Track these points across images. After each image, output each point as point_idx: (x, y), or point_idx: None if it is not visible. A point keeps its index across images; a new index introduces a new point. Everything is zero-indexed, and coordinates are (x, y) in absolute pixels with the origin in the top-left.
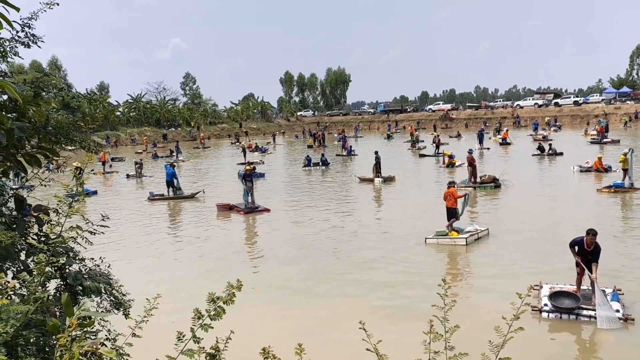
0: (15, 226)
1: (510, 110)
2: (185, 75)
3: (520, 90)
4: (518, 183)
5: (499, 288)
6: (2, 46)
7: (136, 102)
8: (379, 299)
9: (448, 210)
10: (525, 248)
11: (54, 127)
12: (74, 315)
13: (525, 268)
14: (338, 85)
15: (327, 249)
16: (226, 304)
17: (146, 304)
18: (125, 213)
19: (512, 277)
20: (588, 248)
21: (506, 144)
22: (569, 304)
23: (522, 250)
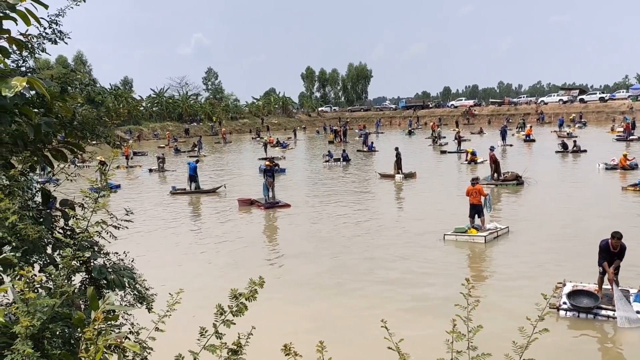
0: (42, 220)
1: (534, 106)
2: (208, 70)
3: (545, 86)
4: (541, 181)
5: (520, 287)
6: (30, 43)
7: (159, 97)
8: (399, 296)
9: (472, 206)
10: (547, 246)
11: (80, 122)
12: (99, 308)
13: (546, 267)
14: (359, 81)
15: (347, 245)
16: (248, 300)
17: (169, 298)
18: (148, 207)
19: (532, 275)
20: (614, 250)
21: (530, 141)
22: (588, 303)
23: (544, 248)
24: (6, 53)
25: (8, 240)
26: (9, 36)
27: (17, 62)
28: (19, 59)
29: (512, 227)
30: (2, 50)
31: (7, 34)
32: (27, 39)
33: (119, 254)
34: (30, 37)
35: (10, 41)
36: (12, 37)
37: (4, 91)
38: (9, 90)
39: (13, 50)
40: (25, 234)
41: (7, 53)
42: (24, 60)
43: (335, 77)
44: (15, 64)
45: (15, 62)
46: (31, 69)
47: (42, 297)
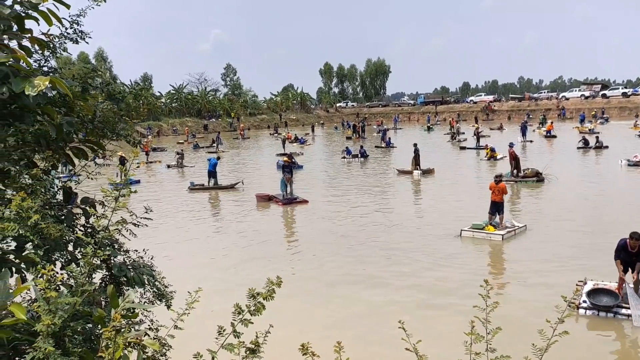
0: (63, 218)
1: (555, 101)
2: (226, 66)
3: (566, 81)
4: (562, 177)
5: (539, 286)
6: (51, 42)
7: (178, 92)
8: (415, 294)
9: (493, 204)
10: (567, 244)
11: (101, 121)
12: (119, 306)
13: (565, 265)
14: (378, 76)
15: (364, 241)
16: (266, 299)
17: (187, 296)
18: (166, 202)
19: (551, 274)
20: (632, 250)
21: (551, 137)
22: (607, 301)
23: (564, 246)
24: (29, 52)
25: (30, 239)
26: (32, 36)
27: (39, 62)
28: (41, 59)
29: (532, 224)
30: (25, 49)
31: (30, 33)
32: (49, 38)
33: (139, 252)
34: (52, 37)
35: (32, 41)
36: (35, 37)
37: (27, 90)
38: (32, 89)
39: (35, 49)
40: (47, 232)
41: (29, 52)
42: (46, 59)
43: (354, 73)
44: (37, 63)
45: (37, 61)
46: (53, 68)
47: (63, 296)
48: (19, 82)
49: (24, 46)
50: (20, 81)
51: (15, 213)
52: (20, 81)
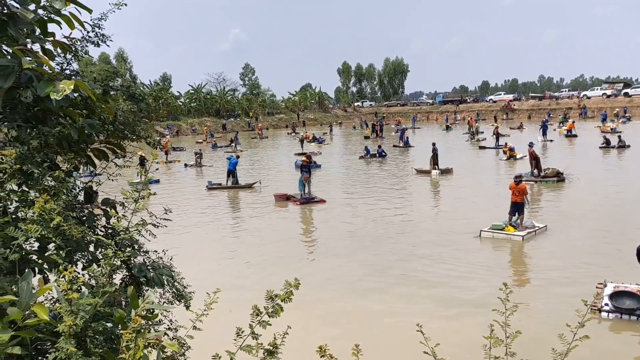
0: (85, 219)
1: (576, 100)
2: (245, 66)
3: (588, 80)
4: (583, 177)
5: (559, 287)
6: (74, 46)
7: (197, 92)
8: (434, 295)
9: (513, 204)
10: (588, 245)
11: (122, 122)
12: (139, 307)
13: (586, 266)
14: (396, 76)
15: (382, 241)
16: (284, 301)
17: (206, 297)
18: (185, 202)
19: (572, 275)
20: None
21: (572, 136)
22: (630, 304)
23: (585, 247)
24: (51, 56)
25: (53, 240)
26: (54, 39)
27: (62, 65)
28: (63, 62)
29: (552, 225)
30: (48, 53)
31: (52, 37)
32: (71, 41)
33: (158, 252)
34: (74, 40)
35: (55, 44)
36: (57, 41)
37: (52, 95)
38: (57, 93)
39: (58, 53)
40: (69, 234)
41: (52, 56)
42: (69, 63)
43: (372, 72)
44: (59, 66)
45: (59, 64)
46: (75, 71)
47: (84, 297)
48: (44, 86)
49: (46, 49)
50: (44, 85)
51: (38, 215)
52: (44, 85)
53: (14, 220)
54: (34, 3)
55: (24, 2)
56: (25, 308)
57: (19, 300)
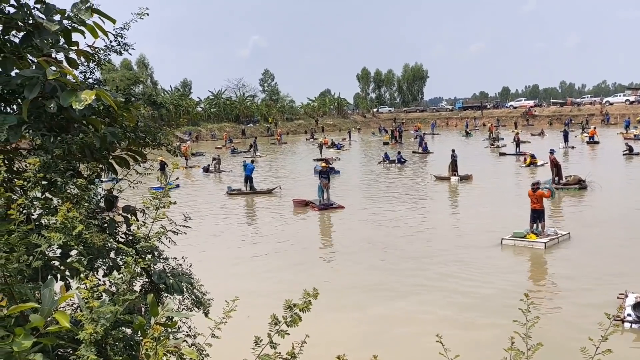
0: (106, 226)
1: (598, 107)
2: (264, 71)
3: (610, 86)
4: (605, 185)
5: (582, 297)
6: (97, 55)
7: (217, 98)
8: (453, 304)
9: (533, 211)
10: (611, 254)
11: (143, 130)
12: (158, 315)
13: (609, 276)
14: (415, 82)
15: (401, 248)
16: (302, 311)
17: (224, 304)
18: (204, 207)
19: (594, 285)
20: None
21: (593, 143)
22: None
23: (608, 256)
24: (75, 64)
25: (75, 247)
26: (78, 48)
27: (85, 73)
28: (87, 70)
29: (574, 233)
30: (72, 61)
31: (76, 46)
32: (94, 50)
33: (178, 259)
34: (97, 49)
35: (79, 53)
36: (81, 50)
37: (74, 104)
38: (79, 103)
39: (81, 61)
40: (91, 241)
41: (75, 64)
42: (91, 71)
43: (391, 78)
44: (82, 75)
45: (82, 73)
46: (98, 80)
47: (105, 304)
48: (67, 97)
49: (70, 58)
50: (67, 95)
51: (61, 223)
52: (67, 95)
53: (37, 227)
54: (59, 14)
55: (49, 13)
56: (47, 315)
57: (41, 307)
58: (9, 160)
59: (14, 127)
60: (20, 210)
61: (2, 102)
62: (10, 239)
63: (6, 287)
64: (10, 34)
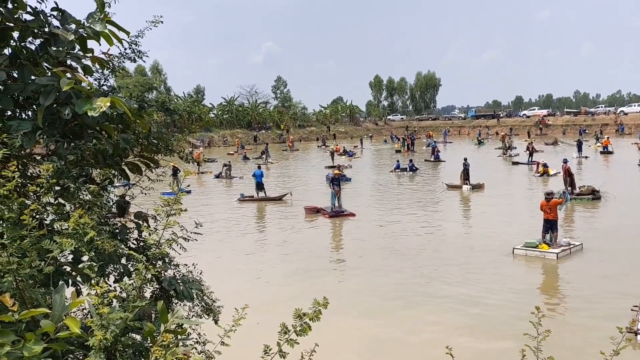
0: (117, 232)
1: (612, 116)
2: (277, 79)
3: (625, 96)
4: (619, 196)
5: (594, 309)
6: (111, 62)
7: (229, 104)
8: (464, 314)
9: (546, 222)
10: (624, 266)
11: (156, 137)
12: (168, 322)
13: (622, 287)
14: (428, 90)
15: (411, 256)
16: (312, 320)
17: (234, 312)
18: (215, 213)
19: (607, 297)
20: None
21: (607, 153)
22: None
23: (621, 268)
24: (90, 71)
25: (86, 253)
26: (93, 55)
27: (99, 80)
28: (101, 77)
29: (587, 244)
30: (86, 68)
31: (91, 53)
32: (108, 57)
33: (188, 266)
34: (111, 56)
35: (94, 60)
36: (96, 57)
37: (89, 112)
38: (94, 110)
39: (96, 68)
40: (102, 248)
41: (90, 71)
42: (106, 78)
43: (404, 86)
44: (97, 82)
45: (97, 80)
46: (112, 87)
47: (115, 311)
48: (82, 104)
49: (85, 65)
50: (82, 103)
51: (73, 229)
52: (82, 103)
53: (49, 232)
54: (75, 24)
55: (65, 21)
56: (57, 320)
57: (52, 313)
58: (23, 165)
59: (28, 133)
60: (33, 216)
61: (18, 109)
62: (22, 244)
63: (18, 292)
64: (26, 41)
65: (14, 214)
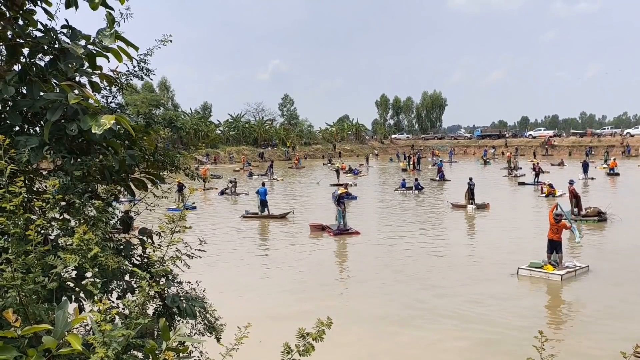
0: (122, 248)
1: (619, 138)
2: (284, 96)
3: (631, 118)
4: (626, 218)
5: (599, 332)
6: (119, 79)
7: (236, 121)
8: (467, 335)
9: (551, 242)
10: (631, 290)
11: (162, 154)
12: (170, 339)
13: (628, 311)
14: (434, 109)
15: (415, 276)
16: (315, 340)
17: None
18: (219, 230)
19: (612, 320)
20: None
21: (614, 175)
22: None
23: (627, 291)
24: (97, 88)
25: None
26: (101, 72)
27: (107, 98)
28: (109, 95)
29: (593, 266)
30: (95, 85)
31: (100, 70)
32: (117, 75)
33: (191, 283)
34: (119, 73)
35: (102, 77)
36: (104, 74)
37: (94, 129)
38: (98, 127)
39: (104, 85)
40: (106, 264)
41: (98, 88)
42: (114, 95)
43: (410, 105)
44: (105, 99)
45: (105, 97)
46: (119, 104)
47: (117, 328)
48: (87, 120)
49: (93, 82)
50: (88, 119)
51: (77, 245)
52: (88, 119)
53: (53, 247)
54: (84, 39)
55: (75, 38)
56: (60, 337)
57: (55, 329)
58: (29, 180)
59: (35, 149)
60: (39, 231)
61: (26, 124)
62: (27, 260)
63: (21, 307)
64: (36, 58)
65: (20, 229)
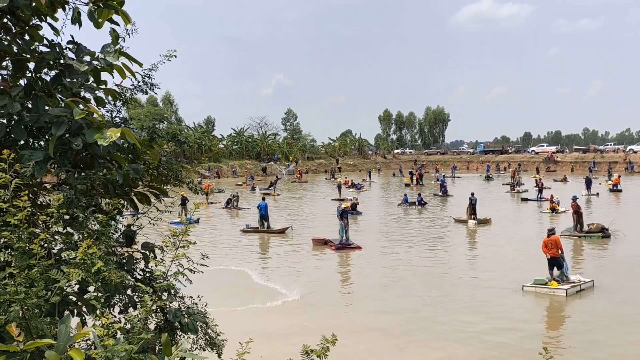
0: (125, 262)
1: (622, 154)
2: (287, 111)
3: (634, 134)
4: (629, 234)
5: (604, 348)
6: (124, 94)
7: (239, 135)
8: (471, 351)
9: (550, 260)
10: (636, 306)
11: (165, 168)
12: (172, 355)
13: (634, 327)
14: (437, 124)
15: (418, 292)
16: (320, 357)
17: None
18: (221, 243)
19: (618, 337)
20: None
21: (617, 191)
22: None
23: (632, 308)
24: (102, 103)
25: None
26: (106, 87)
27: (112, 112)
28: (113, 109)
29: (598, 281)
30: (99, 100)
31: (104, 85)
32: (121, 90)
33: (193, 298)
34: (124, 88)
35: (107, 92)
36: (109, 89)
37: (100, 141)
38: (104, 140)
39: (109, 100)
40: (109, 278)
41: (103, 103)
42: (118, 110)
43: (412, 120)
44: (109, 114)
45: (109, 112)
46: (124, 118)
47: (120, 343)
48: (92, 133)
49: (98, 97)
50: (93, 132)
51: (80, 259)
52: (93, 132)
53: (57, 261)
54: (89, 55)
55: (80, 54)
56: (62, 351)
57: (57, 344)
58: (33, 194)
59: (40, 163)
60: (42, 245)
61: (31, 138)
62: (30, 274)
63: (24, 321)
64: (42, 72)
65: (24, 243)
